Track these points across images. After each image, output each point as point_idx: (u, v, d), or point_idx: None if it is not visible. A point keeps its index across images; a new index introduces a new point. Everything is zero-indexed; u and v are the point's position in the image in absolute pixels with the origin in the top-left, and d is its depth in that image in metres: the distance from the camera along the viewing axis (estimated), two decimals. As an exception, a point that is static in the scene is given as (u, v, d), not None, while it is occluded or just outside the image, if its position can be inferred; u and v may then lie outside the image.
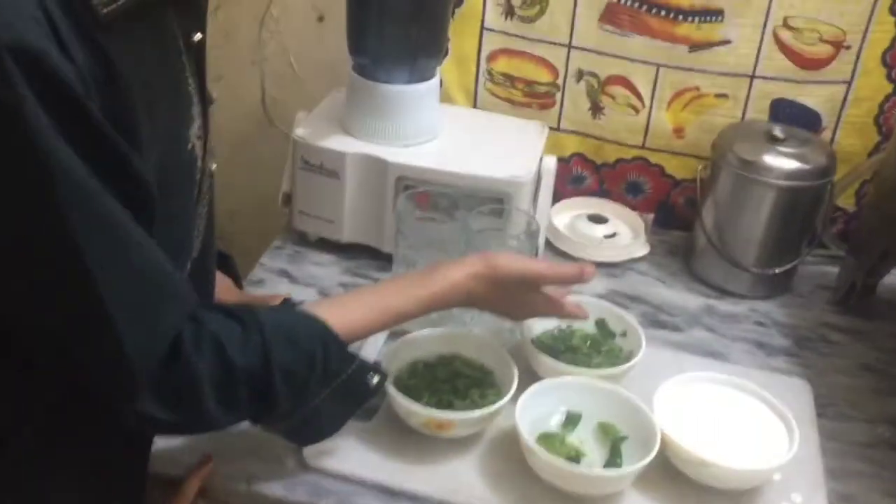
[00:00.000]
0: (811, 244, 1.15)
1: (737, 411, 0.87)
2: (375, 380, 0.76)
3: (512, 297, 0.82)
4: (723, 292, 1.16)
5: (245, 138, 1.38)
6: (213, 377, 0.65)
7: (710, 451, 0.80)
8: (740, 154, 1.09)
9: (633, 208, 1.28)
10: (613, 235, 1.21)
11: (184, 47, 0.67)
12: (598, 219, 1.23)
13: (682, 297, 1.15)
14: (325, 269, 1.12)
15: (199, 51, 0.69)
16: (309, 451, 0.83)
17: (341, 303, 0.76)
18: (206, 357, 0.65)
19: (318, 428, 0.76)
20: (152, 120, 0.61)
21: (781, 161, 1.07)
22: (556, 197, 1.27)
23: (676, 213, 1.27)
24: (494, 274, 0.79)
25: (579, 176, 1.29)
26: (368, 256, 1.13)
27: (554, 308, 0.85)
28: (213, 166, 0.76)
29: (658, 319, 1.09)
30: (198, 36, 0.68)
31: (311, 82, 1.31)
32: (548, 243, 1.21)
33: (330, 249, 1.15)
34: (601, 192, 1.29)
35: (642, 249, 1.21)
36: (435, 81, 1.11)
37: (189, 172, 0.70)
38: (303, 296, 1.06)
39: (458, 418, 0.82)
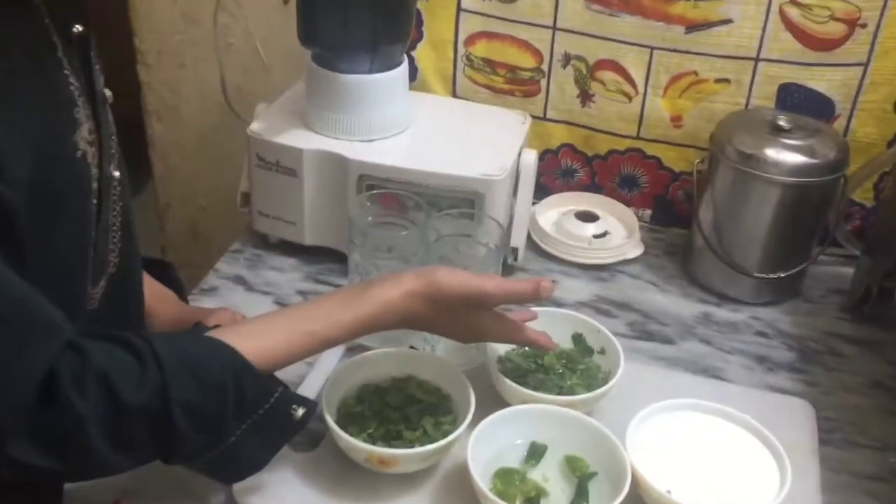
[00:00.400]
0: (823, 244, 1.04)
1: (723, 444, 0.77)
2: (301, 412, 0.68)
3: (456, 317, 0.73)
4: (722, 298, 1.05)
5: (212, 131, 1.30)
6: (101, 418, 0.57)
7: (689, 493, 0.71)
8: (740, 147, 0.98)
9: (628, 204, 1.17)
10: (604, 235, 1.11)
11: (60, 42, 0.58)
12: (587, 216, 1.13)
13: (676, 304, 1.04)
14: (285, 275, 1.04)
15: (82, 45, 0.61)
16: (239, 487, 0.74)
17: (256, 328, 0.68)
18: (91, 395, 0.57)
19: (241, 464, 0.68)
20: (14, 130, 0.53)
21: (785, 155, 0.96)
22: (545, 192, 1.18)
23: (675, 209, 1.16)
24: (434, 292, 0.70)
25: (569, 169, 1.18)
26: (333, 261, 1.05)
27: (510, 332, 0.76)
28: (117, 173, 0.68)
29: (648, 330, 0.99)
30: (78, 28, 0.59)
31: (279, 71, 1.22)
32: (533, 245, 1.11)
33: (292, 253, 1.07)
34: (594, 187, 1.19)
35: (635, 250, 1.11)
36: (401, 69, 1.01)
37: (79, 183, 0.62)
38: (258, 306, 0.98)
39: (402, 455, 0.73)
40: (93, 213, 0.65)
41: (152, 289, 0.89)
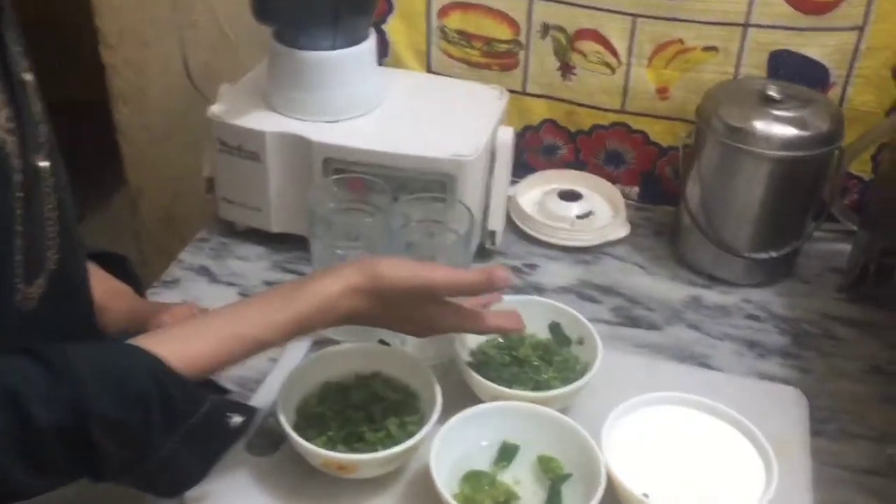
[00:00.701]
0: (818, 219, 0.99)
1: (706, 441, 0.72)
2: (237, 420, 0.63)
3: (405, 312, 0.68)
4: (712, 280, 1.00)
5: (180, 113, 1.24)
6: (10, 438, 0.52)
7: (668, 496, 0.67)
8: (727, 119, 0.92)
9: (614, 181, 1.12)
10: (588, 215, 1.05)
11: None
12: (570, 195, 1.07)
13: (664, 287, 0.99)
14: (251, 264, 0.99)
15: None
16: (190, 495, 0.70)
17: (182, 333, 0.62)
18: None
19: (177, 478, 0.63)
20: None
21: (775, 127, 0.90)
22: (527, 170, 1.12)
23: (663, 186, 1.11)
24: (377, 287, 0.65)
25: (552, 145, 1.13)
26: (302, 248, 0.98)
27: (467, 321, 0.71)
28: (45, 164, 0.63)
29: (633, 315, 0.94)
30: None
31: (246, 49, 1.16)
32: (514, 227, 1.06)
33: (259, 241, 1.02)
34: (578, 164, 1.13)
35: (621, 230, 1.05)
36: (368, 45, 0.95)
37: None
38: (222, 298, 0.94)
39: (361, 460, 0.68)
40: (13, 207, 0.60)
41: (105, 284, 0.84)
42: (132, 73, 1.23)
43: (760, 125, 0.90)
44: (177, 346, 0.59)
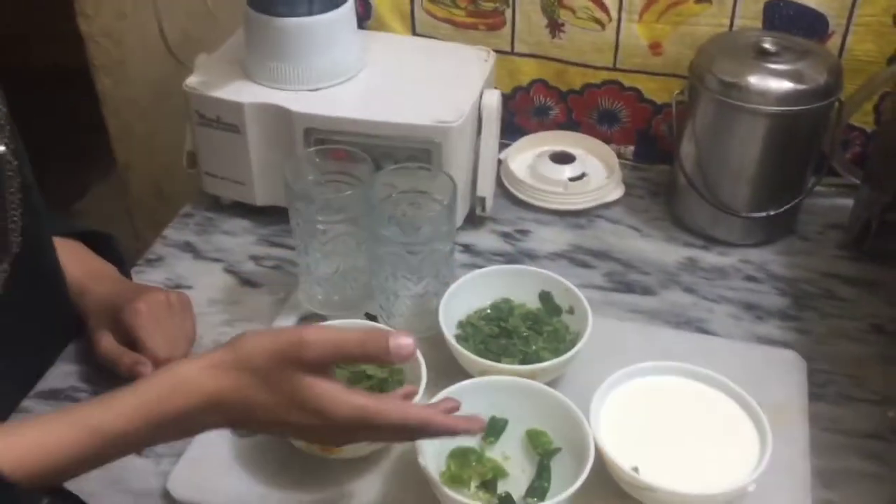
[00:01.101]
0: (818, 173, 0.95)
1: (699, 411, 0.71)
2: None
3: (283, 392, 0.54)
4: (709, 240, 0.97)
5: (163, 84, 1.21)
6: None
7: (659, 469, 0.65)
8: (720, 75, 0.88)
9: (609, 141, 1.08)
10: (581, 177, 1.02)
11: None
12: (563, 158, 1.04)
13: (659, 250, 0.96)
14: (237, 238, 0.97)
15: None
16: (173, 479, 0.69)
17: (14, 429, 0.53)
18: None
19: None
20: None
21: (771, 82, 0.86)
22: (519, 132, 1.09)
23: (659, 144, 1.07)
24: (238, 356, 0.54)
25: (543, 106, 1.09)
26: (289, 221, 0.97)
27: (382, 412, 0.55)
28: (2, 148, 0.61)
29: (627, 280, 0.92)
30: None
31: (226, 16, 1.13)
32: (505, 192, 1.03)
33: (245, 214, 1.00)
34: (570, 124, 1.10)
35: (616, 192, 1.02)
36: (346, 8, 0.92)
37: None
38: (207, 274, 0.92)
39: (343, 440, 0.67)
40: None
41: (87, 265, 0.83)
42: (111, 44, 1.20)
43: (755, 80, 0.86)
44: (7, 446, 0.51)
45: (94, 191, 2.00)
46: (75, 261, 0.80)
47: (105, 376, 0.79)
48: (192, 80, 0.93)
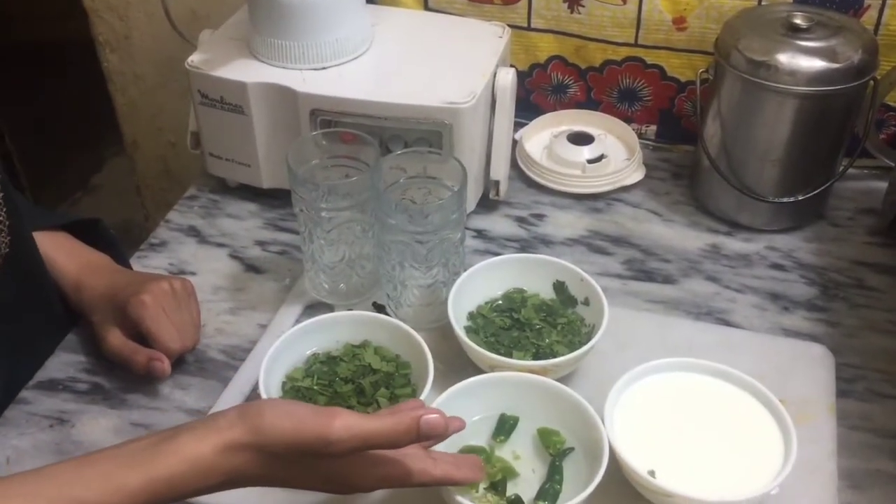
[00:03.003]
0: (850, 155, 0.90)
1: (720, 412, 0.67)
2: None
3: (303, 470, 0.54)
4: (734, 226, 0.93)
5: (169, 60, 1.18)
6: None
7: (676, 472, 0.62)
8: (747, 53, 0.84)
9: (629, 120, 1.04)
10: (600, 159, 0.98)
11: None
12: (581, 138, 1.00)
13: (681, 236, 0.92)
14: (243, 222, 0.94)
15: None
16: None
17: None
18: None
19: None
20: None
21: (801, 60, 0.82)
22: (536, 111, 1.05)
23: (683, 124, 1.03)
24: (259, 441, 0.51)
25: (561, 84, 1.05)
26: (296, 204, 0.94)
27: (397, 473, 0.55)
28: None
29: (646, 269, 0.88)
30: None
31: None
32: (520, 174, 0.99)
33: (251, 197, 0.97)
34: (590, 103, 1.05)
35: (636, 174, 0.98)
36: (354, -17, 0.88)
37: None
38: (212, 260, 0.89)
39: (346, 440, 0.64)
40: None
41: (80, 259, 0.79)
42: (115, 18, 1.16)
43: (785, 58, 0.82)
44: None
45: (109, 164, 1.98)
46: (66, 255, 0.77)
47: (105, 367, 0.77)
48: (194, 59, 0.90)
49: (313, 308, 0.82)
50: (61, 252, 0.75)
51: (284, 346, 0.71)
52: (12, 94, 1.49)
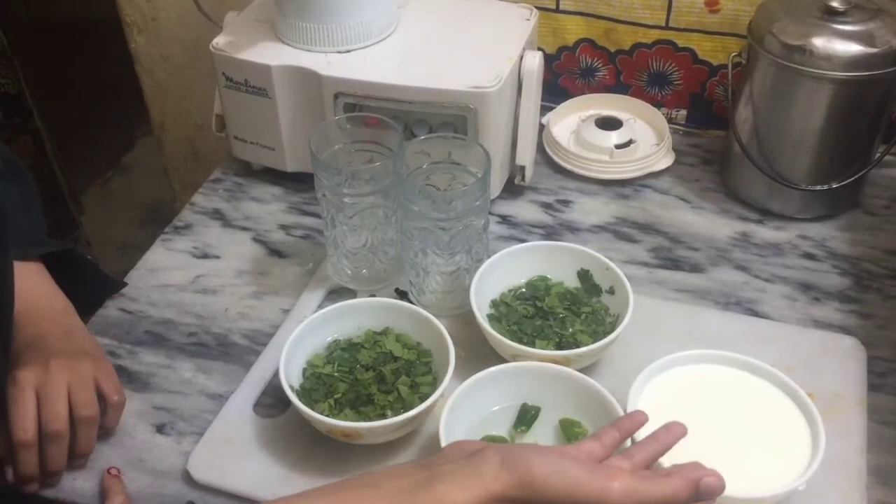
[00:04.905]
0: (887, 142, 0.88)
1: (746, 406, 0.66)
2: None
3: None
4: (765, 214, 0.91)
5: (196, 41, 1.17)
6: None
7: (700, 468, 0.60)
8: (782, 36, 0.81)
9: (659, 105, 1.02)
10: (628, 144, 0.96)
11: None
12: (609, 123, 0.98)
13: (710, 223, 0.91)
14: (267, 206, 0.94)
15: None
16: (193, 461, 0.67)
17: None
18: None
19: None
20: None
21: (838, 44, 0.79)
22: (564, 95, 1.04)
23: (714, 109, 1.01)
24: (530, 498, 0.49)
25: (590, 67, 1.03)
26: (320, 188, 0.94)
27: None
28: None
29: (673, 257, 0.86)
30: None
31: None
32: (547, 160, 0.98)
33: (276, 180, 0.96)
34: (619, 87, 1.04)
35: (665, 160, 0.96)
36: (380, -36, 0.87)
37: None
38: (235, 244, 0.89)
39: (366, 428, 0.64)
40: None
41: (29, 298, 0.70)
42: (143, 0, 1.16)
43: (820, 42, 0.79)
44: None
45: (140, 144, 2.00)
46: (24, 290, 0.69)
47: (128, 351, 0.77)
48: (219, 41, 0.89)
49: (336, 293, 0.82)
50: (22, 283, 0.69)
51: (305, 332, 0.70)
52: (42, 73, 1.50)
